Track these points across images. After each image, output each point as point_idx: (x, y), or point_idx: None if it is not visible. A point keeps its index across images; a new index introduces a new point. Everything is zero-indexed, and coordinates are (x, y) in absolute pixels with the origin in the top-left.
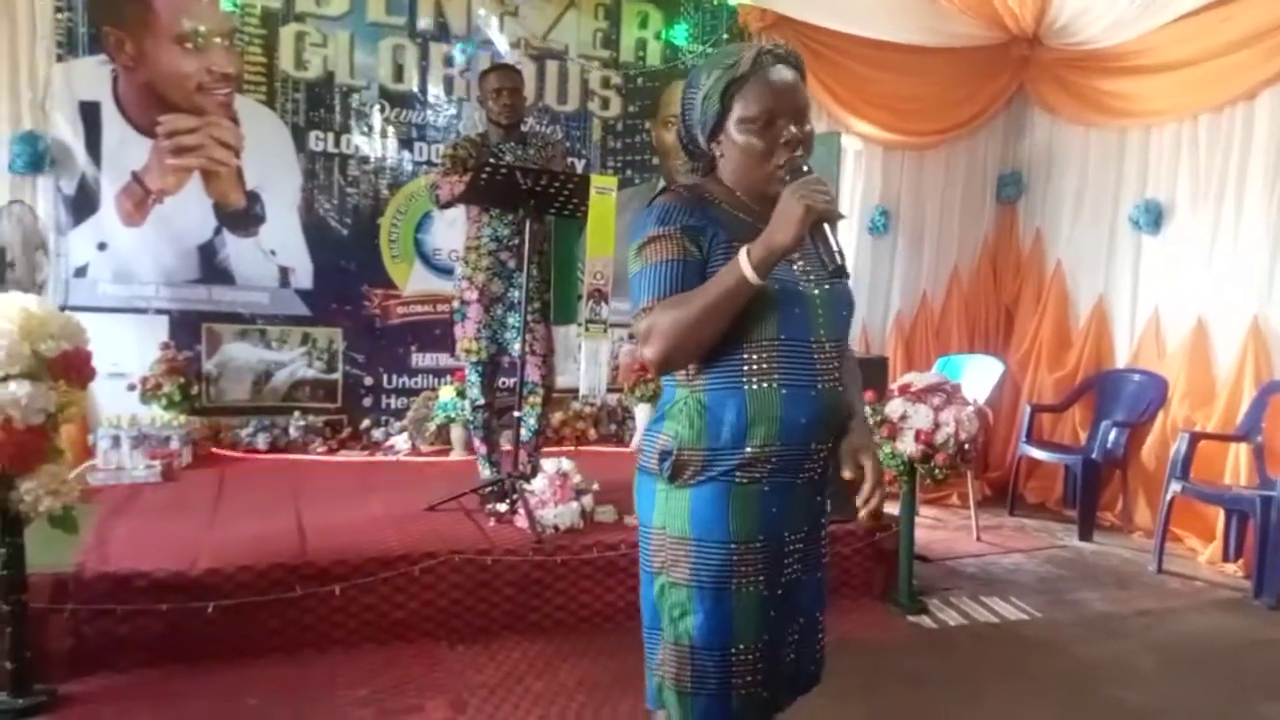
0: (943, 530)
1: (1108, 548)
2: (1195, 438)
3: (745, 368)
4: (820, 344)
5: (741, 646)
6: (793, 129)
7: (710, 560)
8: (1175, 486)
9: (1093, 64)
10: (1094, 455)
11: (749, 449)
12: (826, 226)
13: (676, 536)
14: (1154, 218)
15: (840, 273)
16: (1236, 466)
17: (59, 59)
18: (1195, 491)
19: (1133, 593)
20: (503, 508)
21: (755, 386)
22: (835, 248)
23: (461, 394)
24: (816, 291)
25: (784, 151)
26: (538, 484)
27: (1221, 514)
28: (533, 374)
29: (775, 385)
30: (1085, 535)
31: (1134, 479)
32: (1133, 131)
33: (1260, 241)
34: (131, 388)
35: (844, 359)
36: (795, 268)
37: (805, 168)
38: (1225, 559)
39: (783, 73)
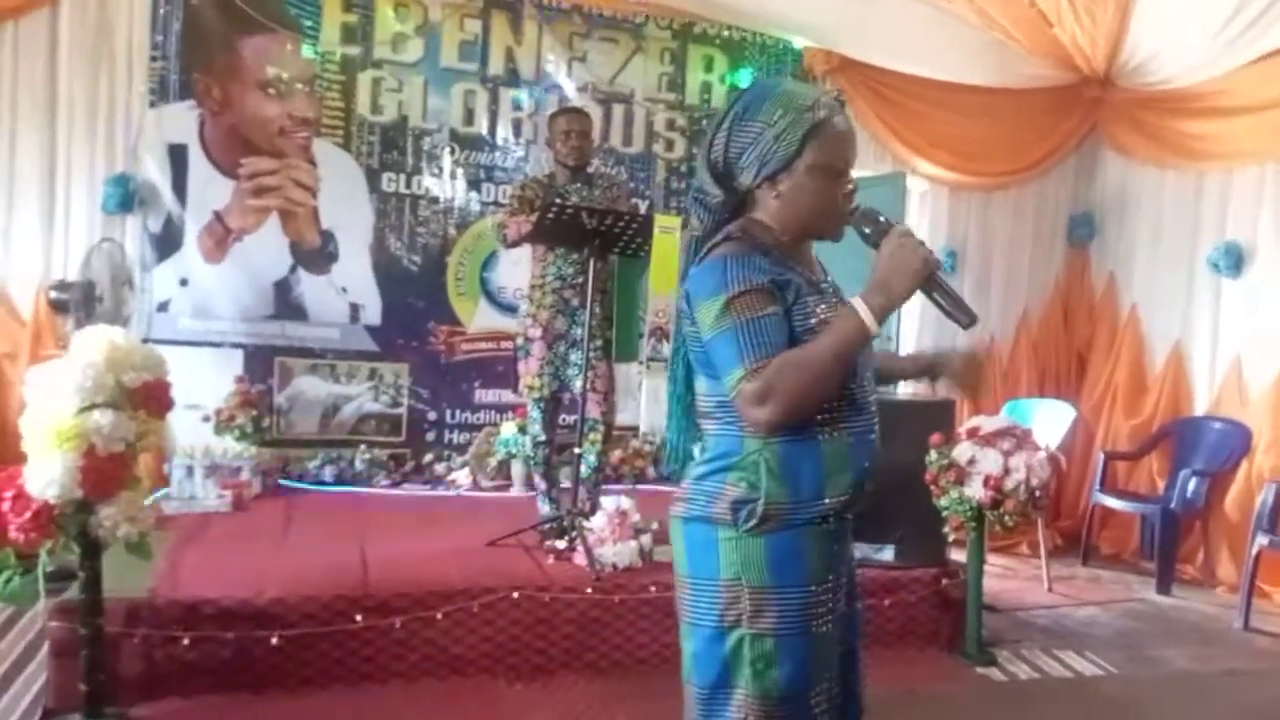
0: (1012, 580)
1: (1188, 602)
2: None
3: (819, 418)
4: (865, 389)
5: (819, 689)
6: (853, 178)
7: (793, 606)
8: (1262, 539)
9: (1169, 105)
10: (1173, 505)
11: (828, 500)
12: (941, 276)
13: (757, 586)
14: (1234, 260)
15: (974, 319)
16: None
17: (151, 104)
18: None
19: (1218, 650)
20: (562, 544)
21: (828, 437)
22: (962, 299)
23: (523, 430)
24: None
25: (847, 200)
26: (597, 521)
27: None
28: (594, 411)
29: (845, 434)
30: (1164, 588)
31: (1216, 530)
32: (1212, 173)
33: None
34: (206, 419)
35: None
36: (831, 306)
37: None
38: None
39: (847, 122)
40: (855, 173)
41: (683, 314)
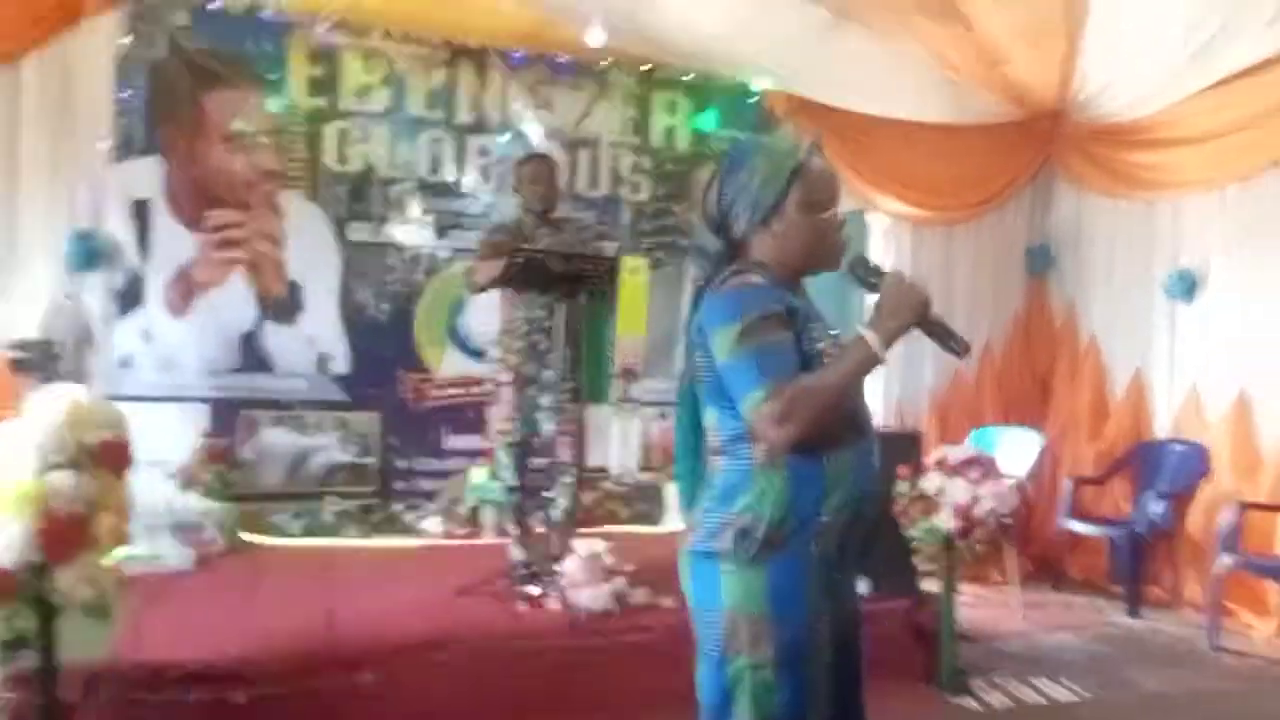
0: (984, 608)
1: (1158, 624)
2: (1244, 508)
3: (823, 436)
4: (864, 413)
5: (813, 714)
6: (841, 213)
7: (790, 635)
8: (1226, 559)
9: (1119, 137)
10: (1139, 528)
11: (825, 516)
12: (935, 313)
13: (755, 616)
14: (1188, 286)
15: (967, 348)
16: None
17: (116, 160)
18: (1248, 564)
19: (1187, 671)
20: (535, 590)
21: (831, 457)
22: (955, 331)
23: (494, 476)
24: None
25: (837, 232)
26: (570, 566)
27: (1277, 587)
28: (565, 454)
29: (848, 454)
30: (1133, 611)
31: (1181, 552)
32: (1161, 202)
33: None
34: (171, 476)
35: None
36: (830, 335)
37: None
38: None
39: (825, 163)
40: None
41: (694, 346)
